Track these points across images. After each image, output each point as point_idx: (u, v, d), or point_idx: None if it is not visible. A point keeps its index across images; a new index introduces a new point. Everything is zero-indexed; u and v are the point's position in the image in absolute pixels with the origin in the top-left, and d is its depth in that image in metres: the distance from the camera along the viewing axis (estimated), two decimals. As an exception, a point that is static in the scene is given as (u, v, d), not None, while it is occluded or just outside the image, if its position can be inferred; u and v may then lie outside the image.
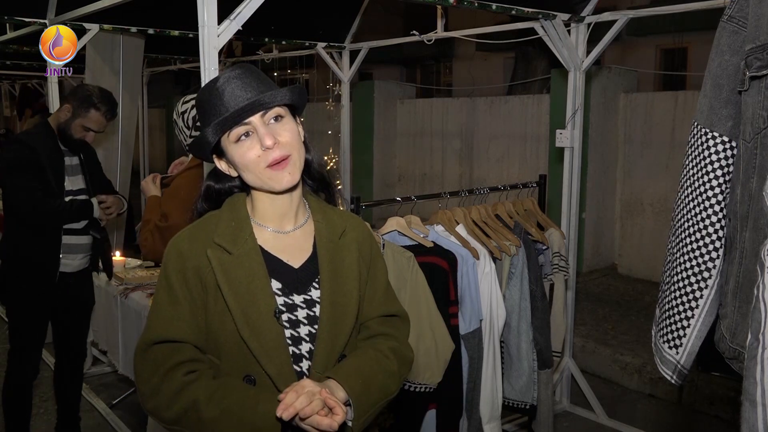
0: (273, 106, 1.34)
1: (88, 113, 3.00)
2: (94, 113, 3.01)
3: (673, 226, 1.43)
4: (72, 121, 3.01)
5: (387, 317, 1.53)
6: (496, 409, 2.87)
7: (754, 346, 1.02)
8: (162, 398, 1.30)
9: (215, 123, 1.32)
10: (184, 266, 1.35)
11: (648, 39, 10.68)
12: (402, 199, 2.94)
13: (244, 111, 1.31)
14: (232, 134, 1.33)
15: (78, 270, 3.19)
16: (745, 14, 1.27)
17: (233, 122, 1.32)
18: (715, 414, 3.83)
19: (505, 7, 3.44)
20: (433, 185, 8.07)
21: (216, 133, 1.34)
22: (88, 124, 3.02)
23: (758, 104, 1.18)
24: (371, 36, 5.38)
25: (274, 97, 1.33)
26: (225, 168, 1.42)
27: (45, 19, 3.92)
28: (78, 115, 3.00)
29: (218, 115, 1.33)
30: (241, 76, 1.35)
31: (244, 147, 1.33)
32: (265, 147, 1.31)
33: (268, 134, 1.32)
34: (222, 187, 1.46)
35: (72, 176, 3.10)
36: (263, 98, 1.32)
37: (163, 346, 1.33)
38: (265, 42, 5.60)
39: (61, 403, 3.41)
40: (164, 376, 1.31)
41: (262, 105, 1.32)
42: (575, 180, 3.76)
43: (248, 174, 1.35)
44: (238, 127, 1.33)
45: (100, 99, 3.03)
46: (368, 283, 1.50)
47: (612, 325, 4.90)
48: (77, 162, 3.14)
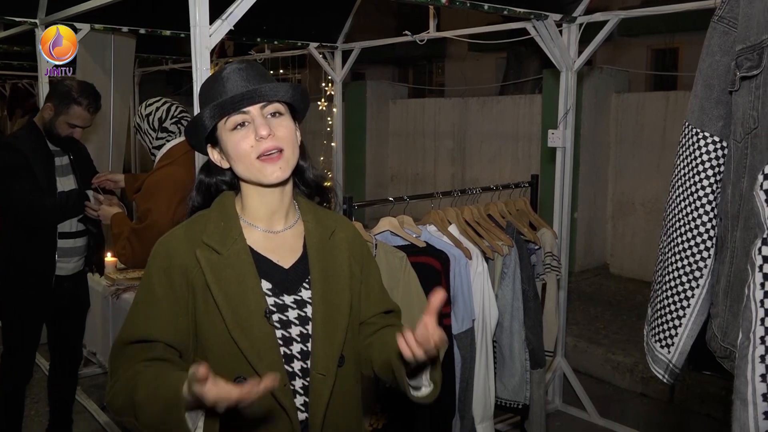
0: (273, 100, 1.34)
1: (70, 109, 2.93)
2: (76, 108, 2.93)
3: (665, 226, 1.44)
4: (56, 119, 2.95)
5: (385, 314, 1.55)
6: (488, 408, 2.88)
7: (745, 344, 1.02)
8: (117, 388, 1.29)
9: (213, 105, 1.32)
10: (170, 265, 1.34)
11: (639, 39, 10.71)
12: (394, 199, 2.94)
13: (245, 98, 1.31)
14: (229, 121, 1.34)
15: (73, 273, 3.16)
16: (735, 15, 1.27)
17: (231, 107, 1.32)
18: (706, 413, 3.85)
19: (497, 7, 3.45)
20: (425, 185, 8.07)
21: (213, 116, 1.34)
22: (73, 121, 2.96)
23: (749, 104, 1.18)
24: (364, 36, 5.38)
25: (276, 91, 1.34)
26: (217, 158, 1.41)
27: (35, 18, 3.90)
28: (61, 112, 2.93)
29: (218, 99, 1.33)
30: (246, 69, 1.36)
31: (238, 135, 1.33)
32: (260, 137, 1.31)
33: (263, 125, 1.32)
34: (211, 181, 1.46)
35: (63, 176, 3.06)
36: (264, 89, 1.32)
37: (136, 346, 1.32)
38: (257, 42, 5.59)
39: (54, 406, 3.38)
40: (127, 371, 1.30)
41: (263, 96, 1.33)
42: (567, 180, 3.77)
43: (239, 164, 1.35)
44: (236, 114, 1.33)
45: (80, 93, 2.95)
46: (363, 282, 1.50)
47: (604, 324, 4.92)
48: (67, 162, 3.10)
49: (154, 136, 2.70)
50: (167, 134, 2.70)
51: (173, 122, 2.70)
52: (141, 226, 2.64)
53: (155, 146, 2.72)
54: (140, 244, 2.65)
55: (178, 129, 2.71)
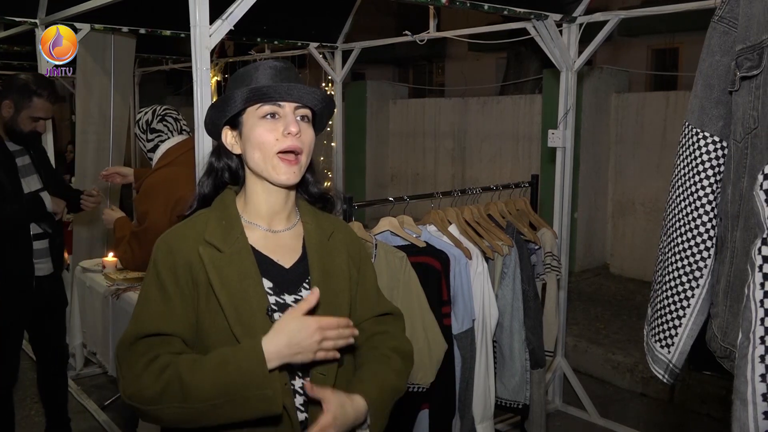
0: (308, 104, 1.37)
1: (32, 102, 2.90)
2: (38, 101, 2.91)
3: (665, 226, 1.44)
4: (17, 116, 2.91)
5: (380, 317, 1.54)
6: (488, 408, 2.88)
7: (744, 344, 1.02)
8: (145, 380, 1.27)
9: (252, 87, 1.34)
10: (174, 262, 1.34)
11: (639, 39, 10.71)
12: (394, 199, 2.94)
13: (285, 91, 1.33)
14: (261, 109, 1.35)
15: (49, 273, 3.11)
16: (735, 15, 1.27)
17: (269, 96, 1.33)
18: (706, 413, 3.85)
19: (498, 7, 3.45)
20: (425, 185, 8.07)
21: (248, 99, 1.35)
22: (36, 114, 2.93)
23: (749, 104, 1.18)
24: (364, 36, 5.38)
25: (314, 97, 1.37)
26: (231, 142, 1.41)
27: (35, 18, 3.90)
28: (22, 107, 2.90)
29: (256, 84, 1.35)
30: (287, 69, 1.39)
31: (266, 125, 1.35)
32: (288, 132, 1.33)
33: (295, 123, 1.34)
34: (219, 165, 1.46)
35: (26, 176, 2.99)
36: (304, 91, 1.35)
37: (151, 339, 1.31)
38: (258, 42, 5.58)
39: (48, 406, 3.37)
40: (150, 361, 1.28)
41: (301, 97, 1.35)
42: (567, 180, 3.77)
43: (257, 152, 1.35)
44: (271, 104, 1.34)
45: (39, 85, 2.92)
46: (358, 284, 1.50)
47: (604, 324, 4.92)
48: (29, 161, 3.03)
49: (145, 138, 2.81)
50: (156, 134, 2.79)
51: (158, 120, 2.79)
52: (140, 228, 2.65)
53: (149, 149, 2.82)
54: (139, 246, 2.66)
55: (165, 127, 2.79)
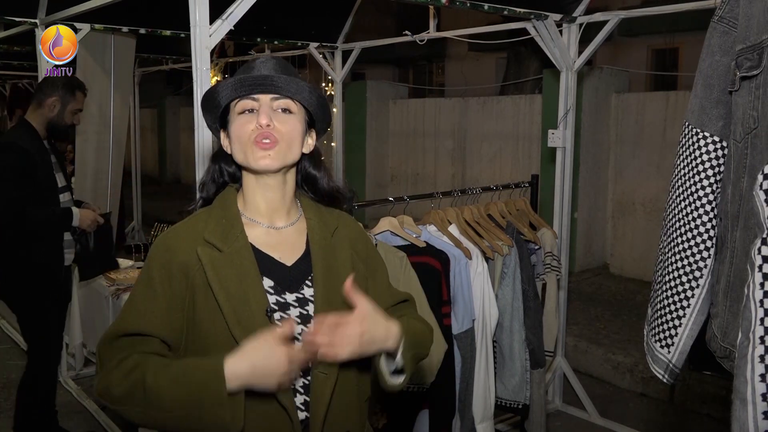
0: (285, 94, 1.36)
1: (75, 96, 3.13)
2: (80, 94, 3.16)
3: (665, 226, 1.44)
4: (64, 110, 3.10)
5: (395, 305, 1.55)
6: (488, 408, 2.88)
7: (744, 344, 1.02)
8: (113, 377, 1.27)
9: (226, 84, 1.35)
10: (170, 261, 1.34)
11: (639, 39, 10.70)
12: (394, 199, 2.94)
13: (256, 83, 1.33)
14: (239, 104, 1.36)
15: (68, 264, 3.26)
16: (735, 15, 1.27)
17: (243, 91, 1.34)
18: (706, 413, 3.85)
19: (497, 7, 3.45)
20: (425, 185, 8.07)
21: (226, 96, 1.36)
22: (78, 106, 3.16)
23: (749, 104, 1.18)
24: (364, 36, 5.38)
25: (288, 86, 1.35)
26: (225, 144, 1.43)
27: (35, 18, 3.90)
28: (67, 102, 3.11)
29: None
30: (277, 65, 1.39)
31: (243, 119, 1.35)
32: (258, 124, 1.33)
33: (266, 114, 1.34)
34: (216, 167, 1.47)
35: (56, 173, 3.13)
36: (278, 80, 1.34)
37: (131, 339, 1.31)
38: (258, 42, 5.59)
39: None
40: (122, 360, 1.28)
41: (275, 87, 1.34)
42: (567, 180, 3.77)
43: (237, 146, 1.37)
44: (246, 99, 1.35)
45: (77, 81, 3.21)
46: (369, 278, 1.50)
47: (604, 324, 4.92)
48: (55, 159, 3.18)
49: None
50: None
51: None
52: None
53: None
54: None
55: None
